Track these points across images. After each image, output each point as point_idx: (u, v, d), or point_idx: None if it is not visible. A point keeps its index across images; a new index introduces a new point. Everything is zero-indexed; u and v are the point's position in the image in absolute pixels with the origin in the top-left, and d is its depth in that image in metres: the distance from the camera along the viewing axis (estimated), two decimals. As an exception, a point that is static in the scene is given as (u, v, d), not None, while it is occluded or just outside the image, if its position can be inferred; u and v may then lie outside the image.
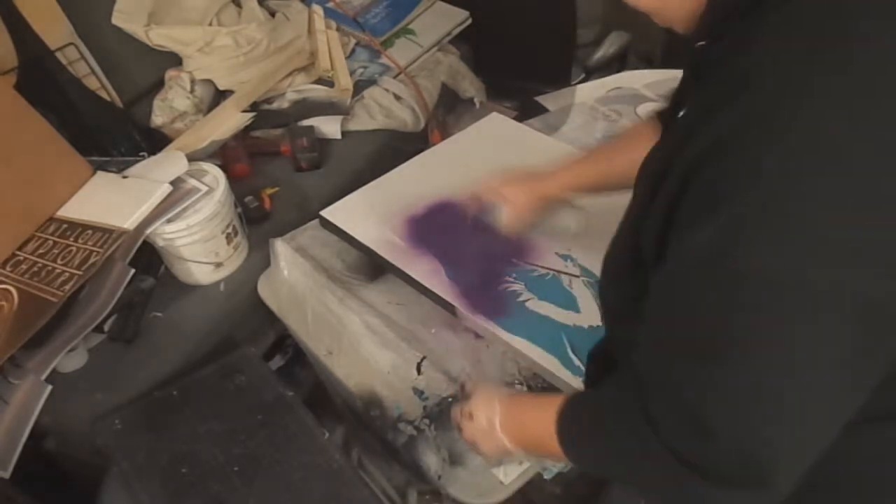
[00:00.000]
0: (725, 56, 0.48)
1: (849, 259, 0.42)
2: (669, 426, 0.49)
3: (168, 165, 1.14)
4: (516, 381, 0.88)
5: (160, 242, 1.10)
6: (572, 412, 0.62)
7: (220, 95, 1.54)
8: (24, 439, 0.96)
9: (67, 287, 0.99)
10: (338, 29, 1.67)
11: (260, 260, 1.19)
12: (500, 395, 0.72)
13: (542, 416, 0.63)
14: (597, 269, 0.98)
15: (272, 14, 1.67)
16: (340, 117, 1.51)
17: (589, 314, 0.92)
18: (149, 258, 1.15)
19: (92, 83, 1.41)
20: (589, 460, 0.61)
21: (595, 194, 0.90)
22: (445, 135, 1.65)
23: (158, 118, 1.47)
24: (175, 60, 1.54)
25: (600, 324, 0.86)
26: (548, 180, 0.93)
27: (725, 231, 0.44)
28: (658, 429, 0.49)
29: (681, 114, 0.54)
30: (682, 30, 0.55)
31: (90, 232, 1.07)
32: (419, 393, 0.89)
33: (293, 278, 1.06)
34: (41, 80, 1.28)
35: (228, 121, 1.39)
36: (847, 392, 0.46)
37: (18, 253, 1.09)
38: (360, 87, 1.59)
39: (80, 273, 1.01)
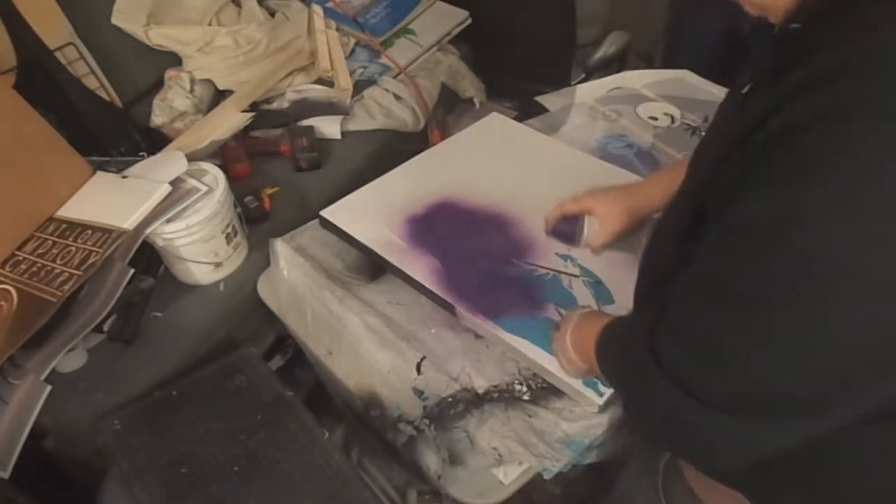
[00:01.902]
0: (827, 40, 0.48)
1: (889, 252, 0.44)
2: (675, 356, 0.54)
3: (168, 165, 1.14)
4: (516, 381, 0.88)
5: (160, 242, 1.10)
6: (605, 333, 0.69)
7: (219, 95, 1.54)
8: (23, 439, 0.95)
9: (67, 287, 0.99)
10: (338, 29, 1.67)
11: (260, 260, 1.19)
12: (582, 311, 0.81)
13: (594, 333, 0.70)
14: (597, 269, 0.98)
15: (272, 14, 1.67)
16: (340, 117, 1.51)
17: (589, 314, 0.92)
18: (148, 258, 1.15)
19: (91, 83, 1.41)
20: (612, 380, 0.68)
21: None
22: (445, 135, 1.65)
23: (158, 118, 1.47)
24: (175, 60, 1.54)
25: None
26: (636, 194, 0.94)
27: (799, 202, 0.46)
28: (660, 357, 0.55)
29: (747, 89, 0.56)
30: (775, 18, 0.56)
31: (90, 232, 1.07)
32: (419, 393, 0.89)
33: (293, 278, 1.06)
34: (40, 80, 1.28)
35: (228, 121, 1.39)
36: (865, 378, 0.48)
37: (18, 253, 1.09)
38: (360, 87, 1.59)
39: (79, 273, 1.01)
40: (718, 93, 1.41)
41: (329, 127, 1.49)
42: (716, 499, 0.75)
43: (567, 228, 0.98)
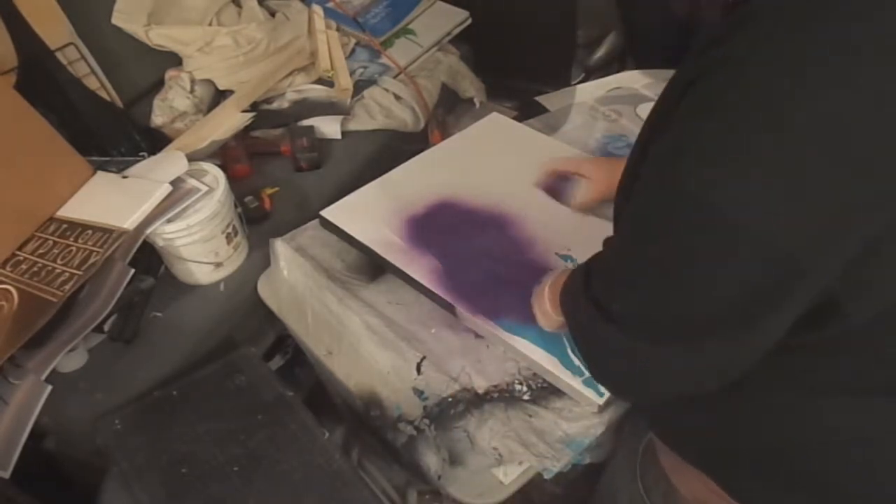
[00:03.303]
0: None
1: (774, 208, 0.45)
2: (594, 283, 0.60)
3: (168, 165, 1.14)
4: (516, 381, 0.88)
5: (160, 242, 1.10)
6: (566, 280, 0.72)
7: (220, 95, 1.54)
8: (24, 439, 0.95)
9: (67, 287, 0.99)
10: (338, 29, 1.67)
11: (260, 260, 1.19)
12: (563, 268, 0.85)
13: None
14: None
15: (272, 14, 1.67)
16: (340, 117, 1.51)
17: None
18: (149, 258, 1.15)
19: (92, 83, 1.41)
20: (566, 321, 0.69)
21: None
22: (445, 135, 1.65)
23: (158, 118, 1.47)
24: (175, 60, 1.54)
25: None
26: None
27: (679, 145, 0.49)
28: (589, 284, 0.61)
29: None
30: None
31: (90, 232, 1.07)
32: (419, 393, 0.89)
33: (293, 278, 1.06)
34: (41, 80, 1.28)
35: (228, 121, 1.39)
36: (735, 319, 0.51)
37: (18, 253, 1.09)
38: (360, 87, 1.59)
39: (80, 273, 1.01)
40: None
41: (329, 127, 1.49)
42: (686, 482, 0.76)
43: (557, 185, 1.06)
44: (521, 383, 0.88)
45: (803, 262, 0.46)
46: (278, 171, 1.42)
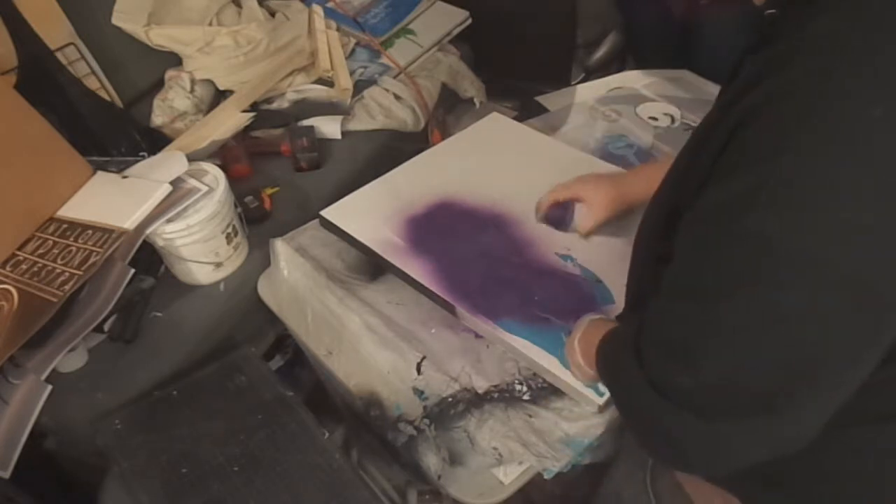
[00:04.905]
0: (791, 25, 0.48)
1: (849, 240, 0.44)
2: (652, 358, 0.53)
3: (168, 165, 1.14)
4: (516, 381, 0.88)
5: (160, 242, 1.10)
6: (604, 339, 0.68)
7: (220, 95, 1.54)
8: (24, 439, 0.96)
9: (67, 287, 0.99)
10: (338, 29, 1.67)
11: (260, 260, 1.19)
12: (592, 317, 0.81)
13: (598, 339, 0.69)
14: (597, 269, 0.98)
15: (272, 14, 1.67)
16: (340, 117, 1.51)
17: (589, 314, 0.92)
18: (149, 258, 1.15)
19: (92, 83, 1.41)
20: (606, 385, 0.67)
21: None
22: (445, 135, 1.65)
23: (158, 118, 1.47)
24: (175, 60, 1.54)
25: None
26: (621, 183, 0.97)
27: (751, 187, 0.46)
28: (642, 361, 0.54)
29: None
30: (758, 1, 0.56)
31: (90, 232, 1.07)
32: (419, 393, 0.89)
33: (293, 278, 1.06)
34: (41, 80, 1.28)
35: (228, 121, 1.39)
36: (824, 371, 0.48)
37: (18, 253, 1.09)
38: (360, 87, 1.59)
39: (80, 273, 1.01)
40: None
41: (329, 127, 1.49)
42: (702, 493, 0.75)
43: (558, 214, 1.04)
44: (521, 383, 0.88)
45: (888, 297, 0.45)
46: (278, 171, 1.42)
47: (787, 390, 0.48)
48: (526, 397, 0.87)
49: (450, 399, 0.87)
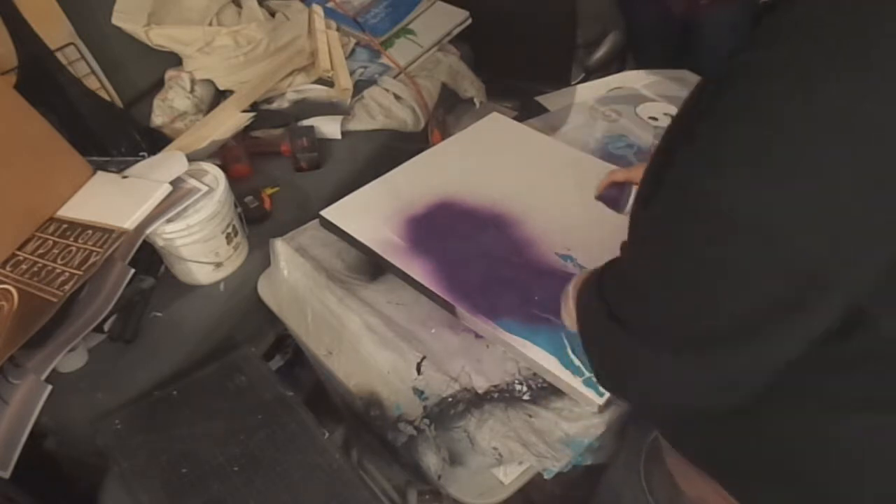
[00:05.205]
0: (782, 8, 0.49)
1: (799, 220, 0.45)
2: (610, 288, 0.59)
3: (168, 165, 1.14)
4: (516, 381, 0.88)
5: (160, 242, 1.10)
6: (582, 280, 0.71)
7: (220, 95, 1.54)
8: (24, 439, 0.96)
9: (67, 287, 0.99)
10: (338, 29, 1.67)
11: (260, 260, 1.19)
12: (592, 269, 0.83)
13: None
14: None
15: (272, 14, 1.67)
16: (340, 117, 1.51)
17: (589, 314, 0.92)
18: (149, 258, 1.15)
19: (92, 83, 1.41)
20: (578, 324, 0.68)
21: None
22: (445, 135, 1.65)
23: (158, 118, 1.47)
24: (175, 60, 1.54)
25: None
26: None
27: (704, 152, 0.49)
28: (602, 290, 0.59)
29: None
30: None
31: (90, 232, 1.07)
32: (419, 393, 0.89)
33: (293, 278, 1.06)
34: (41, 80, 1.28)
35: (228, 121, 1.39)
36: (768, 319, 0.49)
37: (18, 253, 1.09)
38: (360, 87, 1.59)
39: (80, 273, 1.01)
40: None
41: (329, 127, 1.49)
42: (693, 485, 0.75)
43: (614, 194, 1.08)
44: (521, 383, 0.88)
45: (827, 275, 0.46)
46: (278, 171, 1.42)
47: (706, 337, 0.51)
48: (526, 397, 0.87)
49: (450, 399, 0.87)
